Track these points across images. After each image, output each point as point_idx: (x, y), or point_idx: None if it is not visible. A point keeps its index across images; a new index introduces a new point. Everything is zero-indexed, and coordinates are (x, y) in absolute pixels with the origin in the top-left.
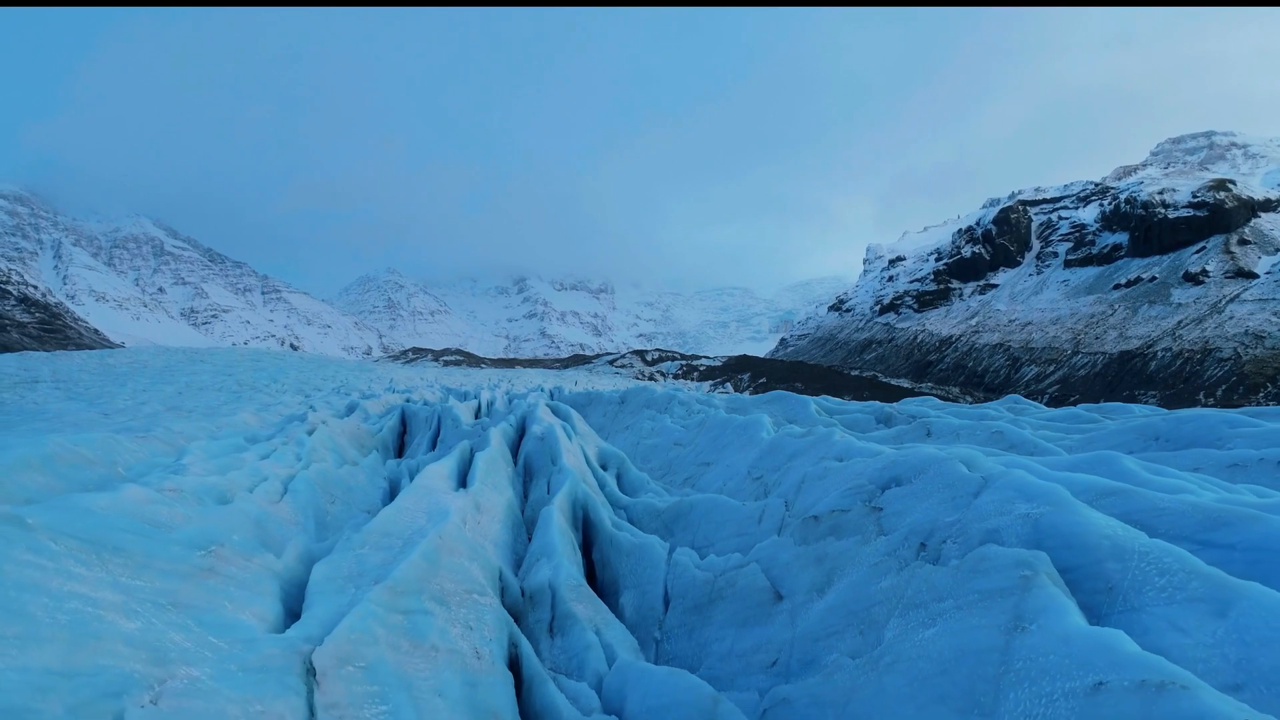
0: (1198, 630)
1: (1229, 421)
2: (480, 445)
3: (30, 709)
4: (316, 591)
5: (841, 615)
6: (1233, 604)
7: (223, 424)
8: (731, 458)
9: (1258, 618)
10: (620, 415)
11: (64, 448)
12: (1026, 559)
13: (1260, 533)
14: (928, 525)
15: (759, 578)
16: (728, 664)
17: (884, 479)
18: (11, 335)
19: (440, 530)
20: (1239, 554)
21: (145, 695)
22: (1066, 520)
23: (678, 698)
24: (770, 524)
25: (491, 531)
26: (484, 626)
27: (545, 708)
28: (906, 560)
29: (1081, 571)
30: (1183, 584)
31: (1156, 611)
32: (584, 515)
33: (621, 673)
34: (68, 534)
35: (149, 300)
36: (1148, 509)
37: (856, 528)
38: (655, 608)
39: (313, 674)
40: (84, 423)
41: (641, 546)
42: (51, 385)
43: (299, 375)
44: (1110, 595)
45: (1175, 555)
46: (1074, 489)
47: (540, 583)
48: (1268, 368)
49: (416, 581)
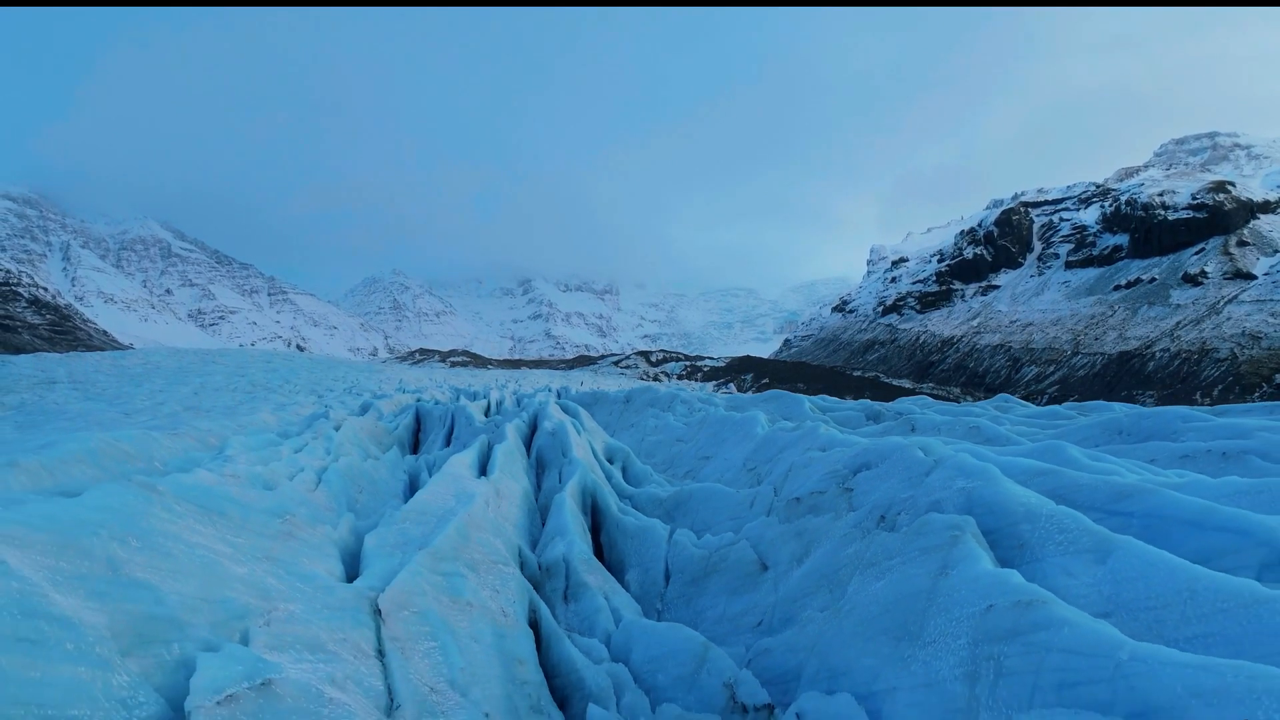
0: (1083, 573)
1: (1184, 417)
2: (497, 439)
3: (187, 621)
4: (371, 555)
5: (815, 579)
6: (1110, 554)
7: (244, 423)
8: (729, 451)
9: (1127, 564)
10: (625, 414)
11: (106, 443)
12: (957, 522)
13: (1153, 503)
14: (887, 501)
15: (748, 552)
16: (720, 626)
17: (856, 464)
18: (23, 336)
19: (468, 510)
20: (1136, 519)
21: (260, 620)
22: (992, 492)
23: (675, 647)
24: (760, 507)
25: (510, 514)
26: (508, 591)
27: (562, 659)
28: (869, 530)
29: (1001, 531)
30: (1075, 539)
31: (1054, 560)
32: (593, 502)
33: (627, 629)
34: (186, 500)
35: (157, 301)
36: (1069, 485)
37: (831, 506)
38: (657, 582)
39: (379, 614)
40: (107, 422)
41: (645, 529)
42: (69, 386)
43: (310, 376)
44: (1021, 549)
45: (1073, 518)
46: (1012, 470)
47: (555, 557)
48: (1263, 368)
49: (452, 550)
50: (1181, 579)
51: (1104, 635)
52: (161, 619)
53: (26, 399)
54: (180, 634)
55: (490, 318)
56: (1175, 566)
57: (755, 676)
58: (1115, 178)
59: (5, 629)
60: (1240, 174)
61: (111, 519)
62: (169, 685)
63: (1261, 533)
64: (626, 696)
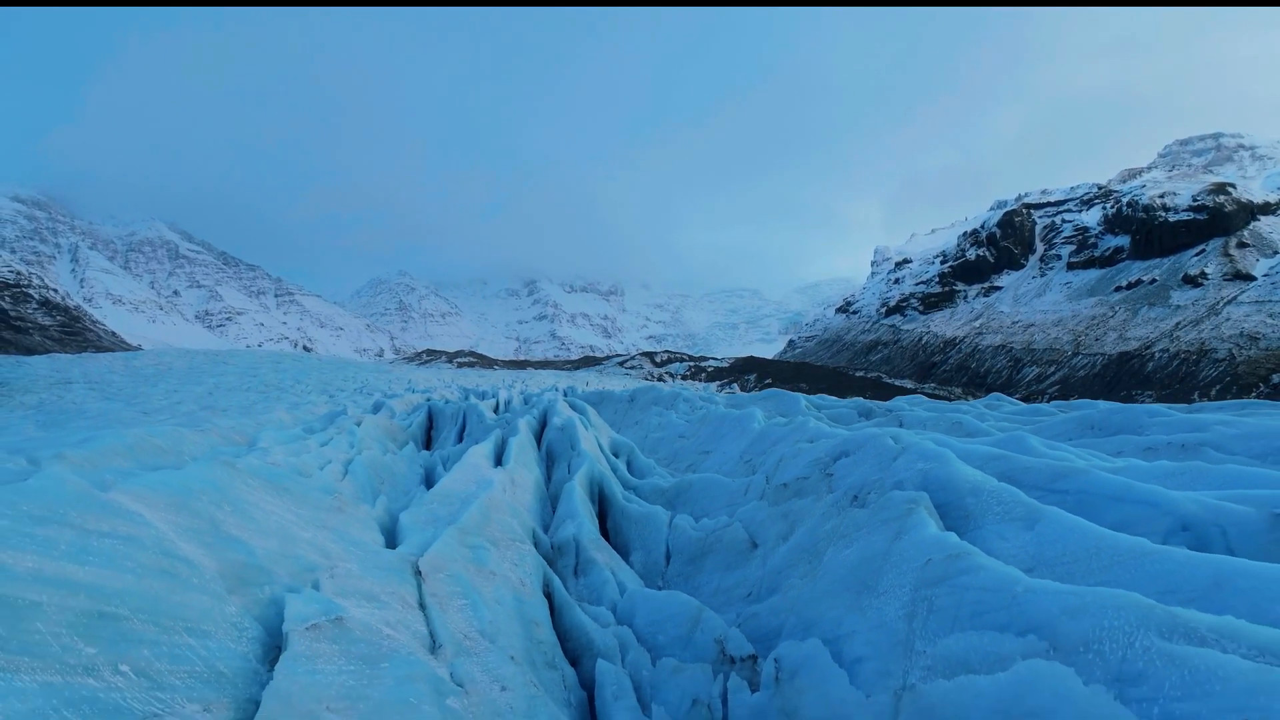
0: (1014, 537)
1: (1150, 413)
2: (510, 433)
3: (272, 570)
4: (406, 529)
5: (798, 553)
6: (1038, 521)
7: (261, 421)
8: (727, 446)
9: (1050, 529)
10: (630, 412)
11: (141, 438)
12: (913, 497)
13: (1084, 482)
14: (860, 482)
15: (740, 532)
16: (715, 598)
17: (837, 452)
18: (34, 338)
19: (488, 494)
20: (1070, 495)
21: (326, 573)
22: (944, 471)
23: (673, 611)
24: (754, 494)
25: (524, 500)
26: (525, 564)
27: (573, 625)
28: (844, 508)
29: (951, 504)
30: (1010, 510)
31: (992, 527)
32: (600, 491)
33: (631, 598)
34: (257, 476)
35: (164, 303)
36: (1018, 468)
37: (814, 489)
38: (659, 562)
39: (419, 574)
40: (127, 420)
41: (648, 514)
42: (85, 386)
43: (320, 376)
44: (966, 518)
45: (1010, 492)
46: (971, 456)
47: (566, 537)
48: (1261, 368)
49: (476, 527)
50: (1090, 540)
51: (1007, 575)
52: (253, 567)
53: (45, 399)
54: (268, 579)
55: (495, 319)
56: (1086, 530)
57: (743, 634)
58: (1118, 179)
59: (151, 562)
60: (1244, 175)
61: (209, 487)
62: (265, 617)
63: (1167, 504)
64: (631, 654)
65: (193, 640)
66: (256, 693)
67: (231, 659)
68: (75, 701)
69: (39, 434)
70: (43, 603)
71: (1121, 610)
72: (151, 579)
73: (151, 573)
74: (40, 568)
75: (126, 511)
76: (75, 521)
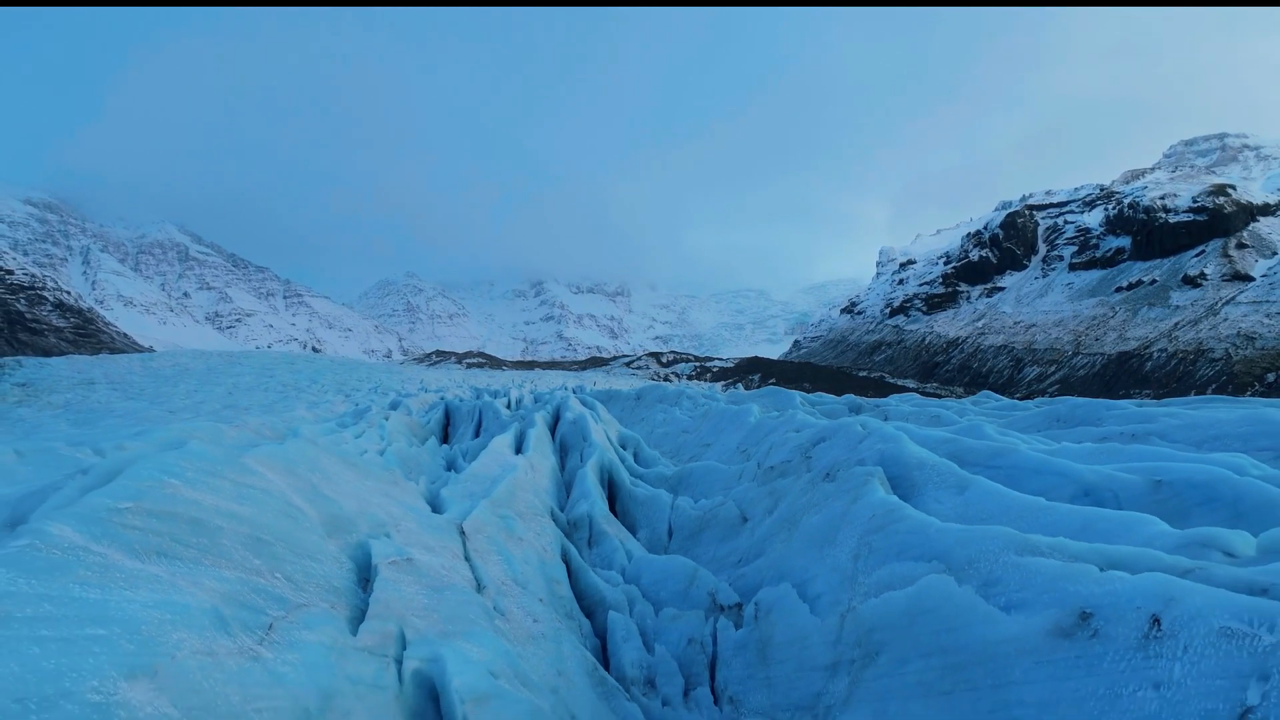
0: (948, 501)
1: (1107, 406)
2: (528, 426)
3: (355, 523)
4: (447, 501)
5: (780, 522)
6: (967, 488)
7: (287, 418)
8: (726, 438)
9: (975, 494)
10: (637, 409)
11: (186, 432)
12: (870, 471)
13: (1014, 459)
14: (832, 462)
15: (733, 509)
16: (711, 565)
17: (816, 439)
18: (50, 340)
19: (513, 475)
20: (1003, 470)
21: (394, 528)
22: (896, 450)
23: (673, 570)
24: (747, 477)
25: (543, 484)
26: (546, 534)
27: (588, 585)
28: (817, 483)
29: (900, 477)
30: (946, 480)
31: (931, 493)
32: (609, 478)
33: (637, 562)
34: (332, 453)
35: (175, 305)
36: (964, 449)
37: (795, 470)
38: (662, 538)
39: (463, 534)
40: (155, 419)
41: (653, 496)
42: (107, 386)
43: (335, 376)
44: (912, 487)
45: (948, 466)
46: (927, 440)
47: (581, 513)
48: (1256, 367)
49: (505, 501)
50: (1004, 501)
51: (925, 521)
52: (343, 519)
53: (71, 399)
54: (354, 529)
55: (502, 320)
56: (1002, 494)
57: (732, 589)
58: (1121, 180)
59: (280, 508)
60: (1248, 175)
61: (304, 458)
62: (355, 556)
63: (1074, 475)
64: (637, 606)
65: (313, 564)
66: (360, 603)
67: (340, 579)
68: (257, 589)
69: (75, 431)
70: (224, 528)
71: (993, 538)
72: (283, 519)
73: (282, 515)
74: (218, 504)
75: (255, 471)
76: (230, 475)
